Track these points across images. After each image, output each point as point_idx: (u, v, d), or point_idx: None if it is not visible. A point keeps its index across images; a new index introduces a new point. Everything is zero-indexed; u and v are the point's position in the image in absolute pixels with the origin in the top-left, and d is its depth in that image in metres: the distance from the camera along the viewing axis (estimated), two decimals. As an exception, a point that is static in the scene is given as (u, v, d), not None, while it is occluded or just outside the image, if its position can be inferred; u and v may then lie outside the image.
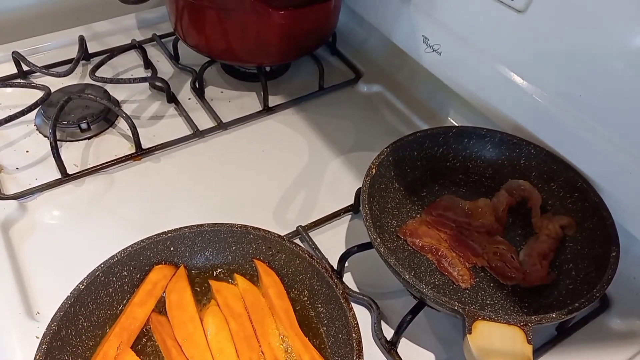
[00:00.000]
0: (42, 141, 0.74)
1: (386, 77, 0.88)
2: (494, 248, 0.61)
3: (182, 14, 0.78)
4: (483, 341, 0.47)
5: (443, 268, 0.59)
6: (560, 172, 0.63)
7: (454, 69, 0.72)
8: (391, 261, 0.52)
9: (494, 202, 0.65)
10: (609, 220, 0.57)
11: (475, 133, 0.68)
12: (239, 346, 0.52)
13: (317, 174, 0.73)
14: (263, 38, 0.76)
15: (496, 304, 0.57)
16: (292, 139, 0.78)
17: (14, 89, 0.81)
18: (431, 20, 0.73)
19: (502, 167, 0.68)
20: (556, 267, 0.59)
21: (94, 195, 0.68)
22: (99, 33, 0.92)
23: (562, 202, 0.63)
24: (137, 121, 0.75)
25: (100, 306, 0.53)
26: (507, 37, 0.64)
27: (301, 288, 0.56)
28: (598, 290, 0.51)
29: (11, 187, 0.68)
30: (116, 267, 0.53)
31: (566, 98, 0.60)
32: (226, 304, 0.55)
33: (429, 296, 0.50)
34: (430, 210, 0.64)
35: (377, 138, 0.76)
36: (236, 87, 0.86)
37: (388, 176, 0.64)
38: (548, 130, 0.64)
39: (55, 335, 0.48)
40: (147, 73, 0.86)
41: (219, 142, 0.77)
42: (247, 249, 0.58)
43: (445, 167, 0.69)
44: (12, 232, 0.63)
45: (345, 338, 0.50)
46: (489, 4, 0.64)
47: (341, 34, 0.94)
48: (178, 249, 0.57)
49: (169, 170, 0.72)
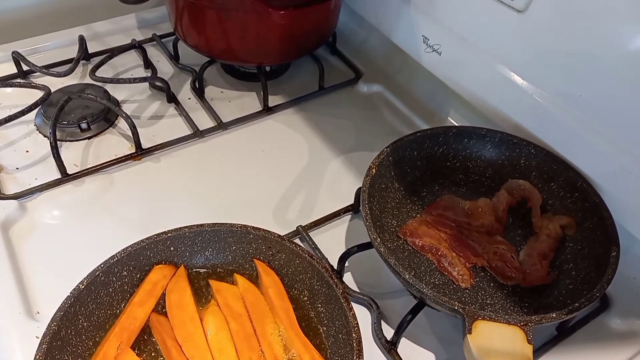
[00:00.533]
0: (42, 141, 0.74)
1: (386, 77, 0.88)
2: (494, 248, 0.61)
3: (182, 14, 0.78)
4: (483, 341, 0.47)
5: (443, 268, 0.59)
6: (560, 172, 0.63)
7: (454, 69, 0.72)
8: (391, 261, 0.52)
9: (494, 202, 0.65)
10: (609, 220, 0.57)
11: (475, 133, 0.68)
12: (239, 346, 0.52)
13: (317, 174, 0.73)
14: (263, 38, 0.76)
15: (496, 304, 0.57)
16: (292, 139, 0.78)
17: (14, 88, 0.81)
18: (431, 20, 0.73)
19: (502, 167, 0.67)
20: (556, 267, 0.59)
21: (94, 195, 0.68)
22: (99, 33, 0.92)
23: (562, 202, 0.63)
24: (137, 121, 0.75)
25: (100, 306, 0.52)
26: (507, 37, 0.64)
27: (301, 288, 0.56)
28: (598, 290, 0.51)
29: (11, 187, 0.68)
30: (116, 267, 0.53)
31: (566, 98, 0.60)
32: (226, 304, 0.55)
33: (429, 296, 0.50)
34: (430, 210, 0.64)
35: (377, 138, 0.76)
36: (236, 87, 0.86)
37: (388, 176, 0.64)
38: (548, 130, 0.64)
39: (55, 335, 0.48)
40: (147, 73, 0.86)
41: (219, 142, 0.77)
42: (247, 249, 0.58)
43: (445, 167, 0.69)
44: (12, 232, 0.63)
45: (345, 338, 0.50)
46: (489, 4, 0.64)
47: (341, 34, 0.94)
48: (178, 249, 0.57)
49: (169, 170, 0.72)
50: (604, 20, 0.55)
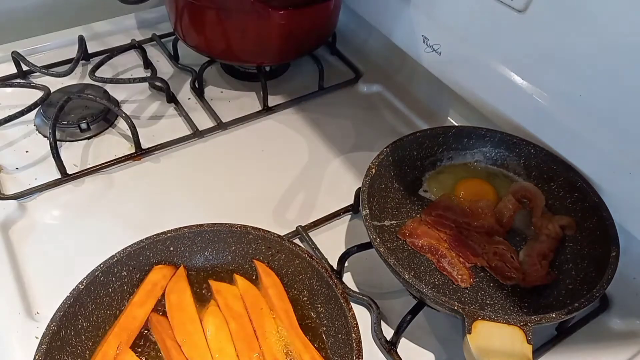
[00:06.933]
0: (42, 141, 0.74)
1: (386, 77, 0.88)
2: (493, 248, 0.61)
3: (181, 14, 0.78)
4: (483, 341, 0.47)
5: (442, 268, 0.59)
6: (560, 172, 0.63)
7: (454, 69, 0.72)
8: (391, 261, 0.52)
9: (500, 206, 0.64)
10: (609, 220, 0.57)
11: (475, 133, 0.68)
12: (239, 346, 0.52)
13: (317, 174, 0.73)
14: (263, 38, 0.76)
15: (496, 304, 0.57)
16: (292, 139, 0.78)
17: (14, 89, 0.81)
18: (431, 20, 0.73)
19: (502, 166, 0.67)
20: (556, 267, 0.59)
21: (94, 195, 0.68)
22: (98, 33, 0.92)
23: (562, 202, 0.63)
24: (137, 121, 0.75)
25: (100, 306, 0.52)
26: (507, 37, 0.64)
27: (301, 288, 0.56)
28: (598, 290, 0.51)
29: (11, 187, 0.68)
30: (116, 267, 0.53)
31: (566, 98, 0.60)
32: (226, 304, 0.55)
33: (429, 296, 0.50)
34: (429, 210, 0.64)
35: (377, 138, 0.76)
36: (236, 87, 0.86)
37: (388, 176, 0.64)
38: (548, 130, 0.64)
39: (54, 335, 0.48)
40: (146, 73, 0.86)
41: (218, 142, 0.77)
42: (247, 249, 0.58)
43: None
44: (12, 232, 0.63)
45: (345, 338, 0.50)
46: (489, 4, 0.64)
47: (341, 34, 0.94)
48: (178, 249, 0.57)
49: (168, 170, 0.72)
50: (604, 20, 0.54)
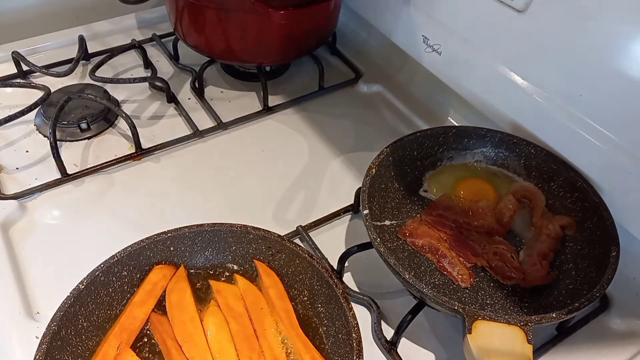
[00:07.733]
0: (42, 141, 0.74)
1: (386, 77, 0.88)
2: (493, 248, 0.61)
3: (182, 14, 0.78)
4: (483, 341, 0.47)
5: (443, 268, 0.59)
6: (560, 172, 0.63)
7: (454, 69, 0.72)
8: (391, 261, 0.52)
9: (500, 206, 0.64)
10: (609, 220, 0.57)
11: (475, 133, 0.68)
12: (239, 346, 0.52)
13: (317, 174, 0.73)
14: (263, 38, 0.76)
15: (496, 304, 0.57)
16: (292, 139, 0.78)
17: (14, 89, 0.81)
18: (431, 20, 0.73)
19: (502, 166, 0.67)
20: (556, 267, 0.59)
21: (94, 195, 0.68)
22: (99, 33, 0.92)
23: (562, 202, 0.63)
24: (137, 121, 0.75)
25: (100, 306, 0.52)
26: (507, 37, 0.64)
27: (301, 288, 0.56)
28: (598, 290, 0.51)
29: (11, 187, 0.68)
30: (116, 267, 0.53)
31: (566, 98, 0.60)
32: (226, 304, 0.55)
33: (429, 296, 0.50)
34: (430, 210, 0.64)
35: (377, 138, 0.76)
36: (236, 87, 0.86)
37: (388, 176, 0.64)
38: (548, 130, 0.64)
39: (55, 335, 0.48)
40: (147, 73, 0.86)
41: (218, 142, 0.77)
42: (247, 249, 0.58)
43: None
44: (12, 232, 0.63)
45: (345, 338, 0.50)
46: (489, 4, 0.64)
47: (341, 34, 0.94)
48: (178, 249, 0.57)
49: (168, 170, 0.72)
50: (604, 20, 0.54)
